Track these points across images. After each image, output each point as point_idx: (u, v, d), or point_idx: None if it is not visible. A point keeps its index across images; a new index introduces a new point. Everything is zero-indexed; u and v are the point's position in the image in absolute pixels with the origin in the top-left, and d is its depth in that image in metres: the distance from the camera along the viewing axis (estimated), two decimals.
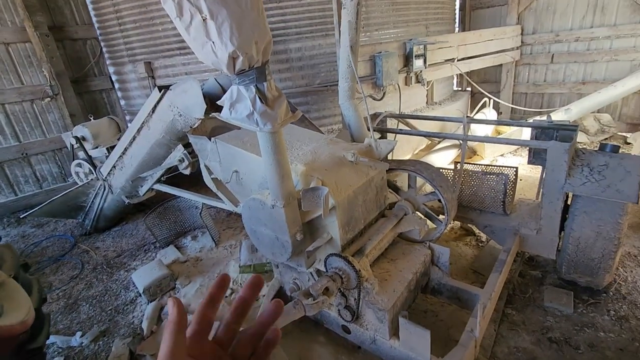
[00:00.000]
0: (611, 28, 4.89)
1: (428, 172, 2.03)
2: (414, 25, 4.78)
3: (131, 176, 2.93)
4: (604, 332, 2.01)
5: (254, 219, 1.79)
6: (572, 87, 5.42)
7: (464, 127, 2.56)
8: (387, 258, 1.95)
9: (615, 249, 2.07)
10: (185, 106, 2.35)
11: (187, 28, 1.22)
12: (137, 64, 4.26)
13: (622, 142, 4.83)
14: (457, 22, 6.33)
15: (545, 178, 2.18)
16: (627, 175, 1.98)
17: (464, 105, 5.70)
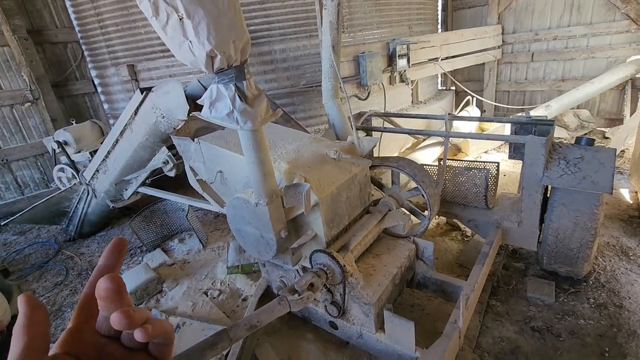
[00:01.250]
0: (587, 26, 5.04)
1: (411, 168, 2.07)
2: (397, 25, 4.85)
3: (115, 180, 2.89)
4: (584, 320, 2.07)
5: (239, 217, 1.79)
6: (552, 84, 5.56)
7: (445, 124, 2.61)
8: (372, 253, 1.98)
9: (592, 238, 2.14)
10: (168, 108, 2.34)
11: (164, 27, 1.23)
12: (119, 67, 4.21)
13: (600, 136, 4.98)
14: (440, 23, 6.43)
15: (524, 171, 2.24)
16: (601, 167, 2.05)
17: (449, 103, 5.80)
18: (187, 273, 2.79)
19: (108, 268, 0.45)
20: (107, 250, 0.46)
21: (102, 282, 0.38)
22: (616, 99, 5.05)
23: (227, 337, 1.27)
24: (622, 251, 2.65)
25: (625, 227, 2.94)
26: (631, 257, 2.58)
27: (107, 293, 0.38)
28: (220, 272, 2.69)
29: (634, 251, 2.64)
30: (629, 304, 2.15)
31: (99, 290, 0.38)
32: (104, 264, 0.45)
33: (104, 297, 0.38)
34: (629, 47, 4.77)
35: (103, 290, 0.38)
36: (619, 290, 2.27)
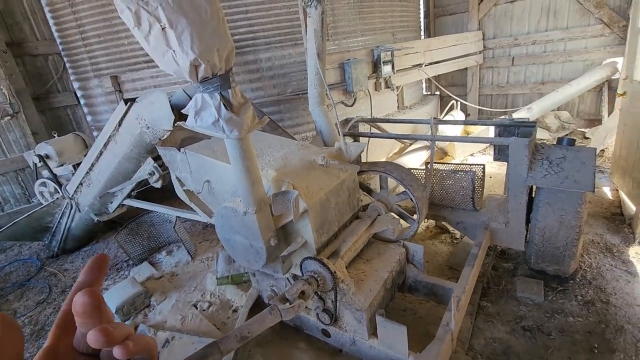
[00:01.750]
0: (564, 31, 5.22)
1: (398, 172, 2.08)
2: (380, 32, 4.93)
3: (99, 193, 2.83)
4: (572, 317, 2.10)
5: (227, 227, 1.77)
6: (532, 87, 5.72)
7: (431, 128, 2.64)
8: (363, 259, 1.97)
9: (577, 236, 2.18)
10: (153, 118, 2.31)
11: (146, 37, 1.22)
12: (103, 79, 4.15)
13: (581, 137, 5.13)
14: (423, 29, 6.57)
15: (508, 173, 2.28)
16: (582, 167, 2.11)
17: (434, 108, 5.90)
18: (175, 286, 2.73)
19: (87, 284, 0.43)
20: (87, 266, 0.45)
21: (79, 297, 0.37)
22: (594, 100, 5.22)
23: (217, 350, 1.25)
24: (606, 248, 2.72)
25: (609, 224, 3.01)
26: (615, 254, 2.64)
27: (85, 308, 0.36)
28: (210, 283, 2.65)
29: (618, 248, 2.70)
30: (615, 300, 2.19)
31: (76, 306, 0.36)
32: (83, 280, 0.44)
33: (81, 312, 0.36)
34: (604, 50, 4.95)
35: (80, 306, 0.36)
36: (605, 286, 2.31)
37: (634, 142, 3.20)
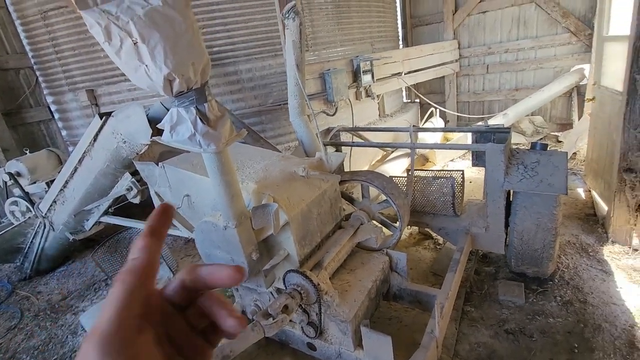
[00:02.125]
0: (534, 40, 5.44)
1: (379, 181, 2.10)
2: (359, 43, 5.02)
3: (74, 210, 2.73)
4: (553, 318, 2.14)
5: (208, 242, 1.73)
6: (507, 94, 5.92)
7: (410, 136, 2.69)
8: (347, 269, 1.97)
9: (553, 238, 2.24)
10: (130, 132, 2.27)
11: (118, 53, 1.19)
12: (78, 93, 4.05)
13: (554, 140, 5.32)
14: (401, 39, 6.73)
15: (486, 178, 2.34)
16: (555, 170, 2.18)
17: (414, 115, 6.01)
18: None
19: (154, 230, 0.40)
20: (153, 213, 0.41)
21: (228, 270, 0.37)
22: (565, 105, 5.43)
23: None
24: (582, 248, 2.80)
25: (583, 225, 3.12)
26: (590, 254, 2.73)
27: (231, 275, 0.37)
28: None
29: (593, 247, 2.79)
30: (592, 299, 2.25)
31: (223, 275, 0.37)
32: (151, 225, 0.40)
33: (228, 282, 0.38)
34: (572, 58, 5.19)
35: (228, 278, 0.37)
36: (582, 286, 2.38)
37: (604, 145, 3.34)
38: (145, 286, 0.35)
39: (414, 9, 6.63)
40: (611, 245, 2.80)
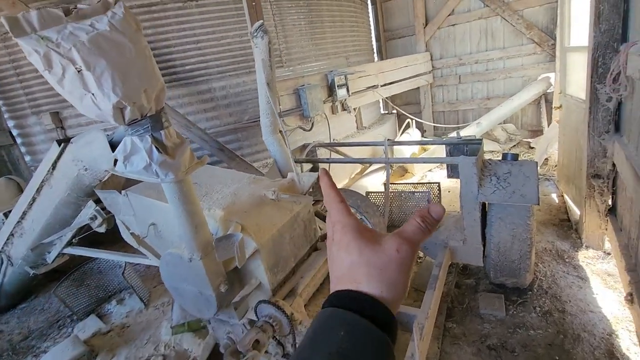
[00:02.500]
0: (502, 50, 5.63)
1: (353, 200, 2.06)
2: (334, 57, 5.06)
3: (34, 243, 2.55)
4: (533, 330, 2.13)
5: (173, 275, 1.63)
6: (480, 103, 6.07)
7: (385, 150, 2.68)
8: (323, 293, 1.89)
9: (529, 248, 2.25)
10: (91, 159, 2.14)
11: (60, 81, 1.11)
12: (42, 116, 3.88)
13: (527, 147, 5.46)
14: (376, 52, 6.84)
15: (461, 190, 2.33)
16: (527, 180, 2.20)
17: (392, 126, 6.07)
18: (126, 340, 2.48)
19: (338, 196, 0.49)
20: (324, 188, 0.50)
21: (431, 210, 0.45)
22: (534, 112, 5.61)
23: None
24: (558, 255, 2.83)
25: (558, 230, 3.16)
26: (566, 260, 2.76)
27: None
28: (165, 333, 2.43)
29: (568, 254, 2.83)
30: (570, 308, 2.25)
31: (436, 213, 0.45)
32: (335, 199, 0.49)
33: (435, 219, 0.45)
34: (538, 67, 5.38)
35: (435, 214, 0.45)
36: (560, 294, 2.38)
37: (572, 151, 3.43)
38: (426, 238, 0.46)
39: (387, 23, 6.78)
40: (585, 250, 2.84)
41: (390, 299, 0.40)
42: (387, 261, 0.41)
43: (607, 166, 2.65)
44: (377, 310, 0.39)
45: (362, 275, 0.41)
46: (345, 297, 0.40)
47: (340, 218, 0.46)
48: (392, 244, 0.42)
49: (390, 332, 0.38)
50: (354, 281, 0.41)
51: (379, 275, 0.40)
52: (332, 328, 0.37)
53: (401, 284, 0.41)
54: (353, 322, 0.37)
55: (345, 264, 0.42)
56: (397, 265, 0.41)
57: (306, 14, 4.59)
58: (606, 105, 2.54)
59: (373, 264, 0.41)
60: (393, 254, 0.41)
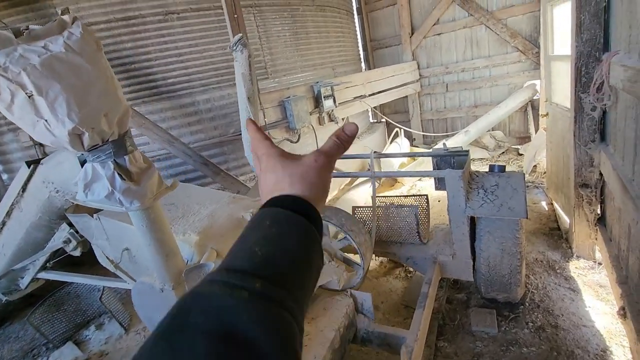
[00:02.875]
0: (487, 59, 5.68)
1: (337, 219, 1.99)
2: (320, 68, 5.03)
3: (5, 269, 2.43)
4: (526, 347, 2.06)
5: (146, 305, 1.54)
6: (467, 110, 6.09)
7: (371, 162, 2.62)
8: (307, 318, 1.81)
9: (519, 262, 2.19)
10: (62, 180, 2.04)
11: (9, 108, 1.03)
12: (18, 132, 3.75)
13: (515, 153, 5.48)
14: (363, 61, 6.85)
15: (448, 204, 2.28)
16: (514, 193, 2.15)
17: (381, 135, 6.05)
18: None
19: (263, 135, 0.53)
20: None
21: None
22: (522, 119, 5.64)
23: None
24: (549, 266, 2.79)
25: (548, 240, 3.13)
26: (557, 271, 2.71)
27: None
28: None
29: (559, 264, 2.79)
30: (563, 322, 2.20)
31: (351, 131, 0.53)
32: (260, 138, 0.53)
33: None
34: (523, 75, 5.43)
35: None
36: (552, 308, 2.33)
37: (560, 159, 3.42)
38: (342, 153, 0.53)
39: (373, 33, 6.81)
40: (576, 261, 2.80)
41: (311, 197, 0.45)
42: (306, 169, 0.47)
43: (595, 175, 2.63)
44: (299, 205, 0.43)
45: (285, 184, 0.46)
46: (270, 202, 0.45)
47: (265, 150, 0.51)
48: (310, 156, 0.48)
49: (315, 224, 0.43)
50: (279, 190, 0.46)
51: (299, 180, 0.46)
52: (259, 222, 0.41)
53: (320, 185, 0.47)
54: (277, 213, 0.42)
55: (271, 181, 0.47)
56: (316, 171, 0.47)
57: (291, 24, 4.56)
58: (591, 115, 2.52)
59: (294, 173, 0.46)
60: (312, 163, 0.47)
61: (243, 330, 0.29)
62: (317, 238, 0.43)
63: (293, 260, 0.38)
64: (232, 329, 0.29)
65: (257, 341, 0.29)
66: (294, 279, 0.37)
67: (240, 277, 0.34)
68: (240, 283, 0.33)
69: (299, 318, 0.36)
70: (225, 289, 0.32)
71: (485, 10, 5.41)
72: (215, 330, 0.29)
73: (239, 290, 0.32)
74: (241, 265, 0.36)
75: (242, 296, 0.32)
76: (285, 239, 0.39)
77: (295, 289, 0.37)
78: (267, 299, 0.33)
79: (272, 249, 0.38)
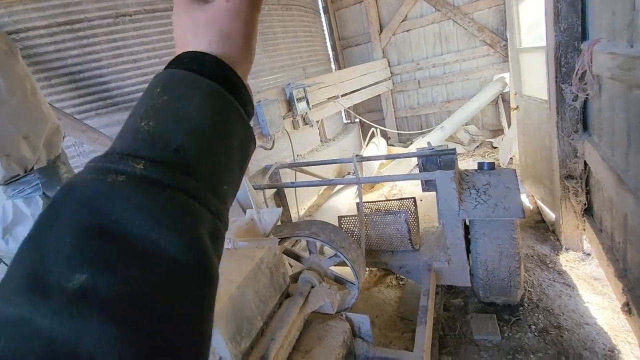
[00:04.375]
0: (457, 53, 5.69)
1: (326, 234, 1.78)
2: (291, 69, 4.81)
3: None
4: (533, 354, 1.95)
5: None
6: (441, 106, 6.09)
7: (354, 167, 2.44)
8: (301, 351, 1.59)
9: (518, 264, 2.09)
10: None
11: None
12: None
13: (490, 147, 5.51)
14: (333, 61, 6.70)
15: (440, 208, 2.14)
16: (508, 191, 2.04)
17: (356, 136, 5.91)
18: None
19: None
20: None
21: None
22: (494, 112, 5.70)
23: None
24: (540, 260, 2.73)
25: (536, 233, 3.09)
26: (549, 265, 2.66)
27: None
28: None
29: (550, 258, 2.73)
30: (565, 322, 2.11)
31: None
32: None
33: None
34: (492, 68, 5.48)
35: None
36: (551, 307, 2.25)
37: (537, 151, 3.39)
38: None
39: (342, 31, 6.68)
40: (566, 253, 2.76)
41: (224, 51, 0.34)
42: (215, 12, 0.35)
43: (579, 166, 2.59)
44: (202, 62, 0.33)
45: (190, 38, 0.35)
46: (168, 64, 0.34)
47: None
48: None
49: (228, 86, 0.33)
50: (183, 46, 0.35)
51: (205, 30, 0.34)
52: (149, 91, 0.32)
53: (238, 34, 0.35)
54: (170, 75, 0.32)
55: (176, 35, 0.38)
56: (230, 14, 0.35)
57: None
58: (572, 105, 2.47)
59: (199, 19, 0.35)
60: (222, 4, 0.35)
61: (117, 222, 0.24)
62: (231, 102, 0.33)
63: (193, 131, 0.30)
64: (104, 222, 0.24)
65: (136, 231, 0.24)
66: (197, 155, 0.29)
67: (119, 160, 0.27)
68: (116, 166, 0.27)
69: (209, 201, 0.29)
70: (98, 175, 0.27)
71: (451, 5, 5.41)
72: (85, 224, 0.24)
73: (114, 175, 0.26)
74: (121, 146, 0.29)
75: (117, 180, 0.26)
76: (181, 106, 0.30)
77: (198, 166, 0.29)
78: (152, 182, 0.26)
79: (162, 120, 0.30)
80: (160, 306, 0.23)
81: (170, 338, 0.23)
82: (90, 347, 0.20)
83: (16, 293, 0.22)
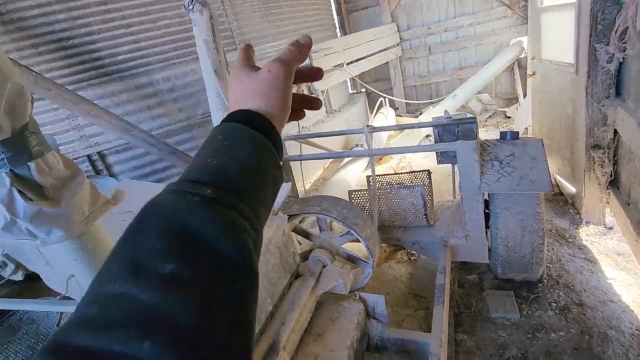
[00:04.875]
0: (471, 16, 5.30)
1: (338, 211, 1.65)
2: (294, 34, 4.50)
3: None
4: (554, 333, 1.86)
5: None
6: (452, 73, 5.77)
7: (366, 138, 2.27)
8: (313, 334, 1.50)
9: (541, 240, 1.96)
10: None
11: None
12: None
13: (503, 116, 5.26)
14: (338, 27, 6.31)
15: (460, 181, 1.99)
16: (534, 162, 1.88)
17: (362, 107, 5.67)
18: None
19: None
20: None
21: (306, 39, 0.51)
22: (508, 80, 5.39)
23: None
24: (559, 235, 2.61)
25: (554, 207, 2.95)
26: (569, 240, 2.54)
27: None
28: None
29: (569, 232, 2.61)
30: (587, 299, 2.02)
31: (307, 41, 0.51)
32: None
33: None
34: (509, 31, 5.12)
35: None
36: (572, 283, 2.14)
37: (555, 119, 3.18)
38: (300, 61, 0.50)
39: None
40: (586, 227, 2.63)
41: (267, 110, 0.45)
42: (260, 82, 0.46)
43: (608, 135, 2.40)
44: (250, 118, 0.43)
45: (242, 100, 0.46)
46: (225, 118, 0.44)
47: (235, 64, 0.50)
48: (264, 68, 0.47)
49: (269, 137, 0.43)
50: (237, 106, 0.46)
51: (254, 94, 0.45)
52: (212, 138, 0.42)
53: (277, 98, 0.46)
54: (229, 127, 0.43)
55: (232, 98, 0.48)
56: (270, 83, 0.45)
57: None
58: (606, 68, 2.25)
59: (249, 88, 0.46)
60: (265, 75, 0.46)
61: (195, 229, 0.32)
62: (270, 149, 0.43)
63: (244, 169, 0.39)
64: (185, 229, 0.32)
65: (208, 237, 0.32)
66: (246, 186, 0.39)
67: (193, 186, 0.36)
68: (192, 190, 0.35)
69: (252, 221, 0.37)
70: (178, 196, 0.35)
71: None
72: (169, 230, 0.32)
73: (191, 196, 0.34)
74: (194, 176, 0.37)
75: (193, 200, 0.34)
76: (236, 150, 0.40)
77: (246, 195, 0.38)
78: (217, 202, 0.35)
79: (223, 160, 0.39)
80: (222, 291, 0.31)
81: (228, 314, 0.31)
82: (176, 314, 0.28)
83: (120, 277, 0.29)
